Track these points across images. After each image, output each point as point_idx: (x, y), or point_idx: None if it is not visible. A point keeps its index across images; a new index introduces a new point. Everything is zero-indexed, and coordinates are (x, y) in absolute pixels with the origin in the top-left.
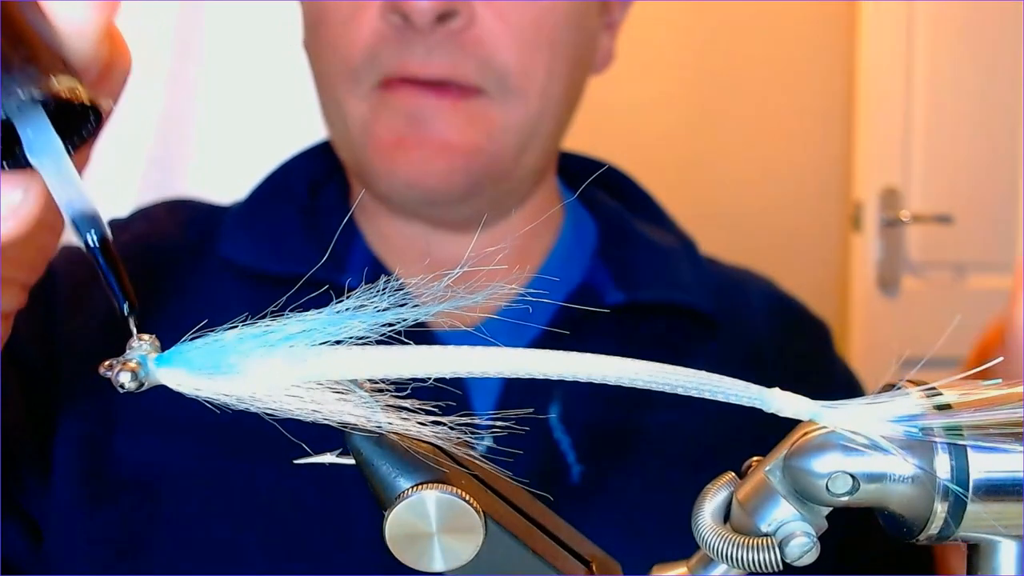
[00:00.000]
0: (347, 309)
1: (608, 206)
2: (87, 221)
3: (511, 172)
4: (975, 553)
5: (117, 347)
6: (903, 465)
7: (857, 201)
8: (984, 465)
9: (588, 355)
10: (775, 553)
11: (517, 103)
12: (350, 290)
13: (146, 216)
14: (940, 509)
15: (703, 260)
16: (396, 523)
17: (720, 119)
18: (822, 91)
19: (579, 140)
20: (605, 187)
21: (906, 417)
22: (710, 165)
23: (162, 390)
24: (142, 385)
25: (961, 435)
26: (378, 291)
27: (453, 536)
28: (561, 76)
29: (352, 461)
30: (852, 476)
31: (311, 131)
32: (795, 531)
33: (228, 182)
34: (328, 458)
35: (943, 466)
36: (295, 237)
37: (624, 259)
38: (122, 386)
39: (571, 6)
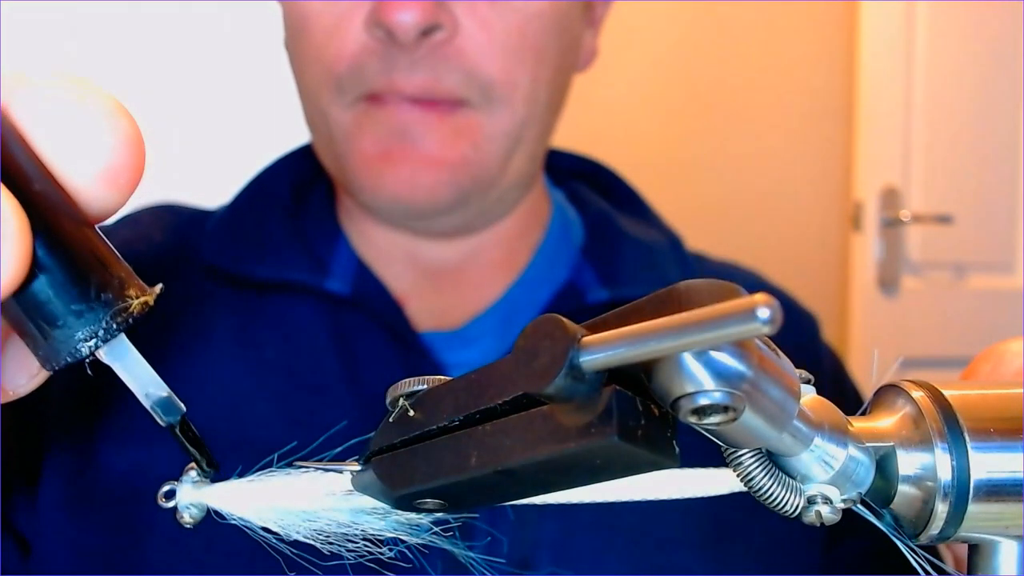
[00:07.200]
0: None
1: (595, 204)
2: (164, 406)
3: (498, 180)
4: (975, 553)
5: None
6: (904, 464)
7: (857, 201)
8: (985, 465)
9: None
10: (799, 497)
11: (503, 111)
12: (336, 296)
13: (131, 222)
14: (941, 509)
15: (689, 255)
16: None
17: (720, 119)
18: (822, 91)
19: (578, 140)
20: (593, 184)
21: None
22: (709, 165)
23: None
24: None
25: (962, 435)
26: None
27: None
28: (546, 81)
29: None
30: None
31: (306, 132)
32: (823, 496)
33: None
34: (336, 466)
35: (944, 466)
36: (279, 241)
37: (609, 257)
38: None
39: (555, 10)
